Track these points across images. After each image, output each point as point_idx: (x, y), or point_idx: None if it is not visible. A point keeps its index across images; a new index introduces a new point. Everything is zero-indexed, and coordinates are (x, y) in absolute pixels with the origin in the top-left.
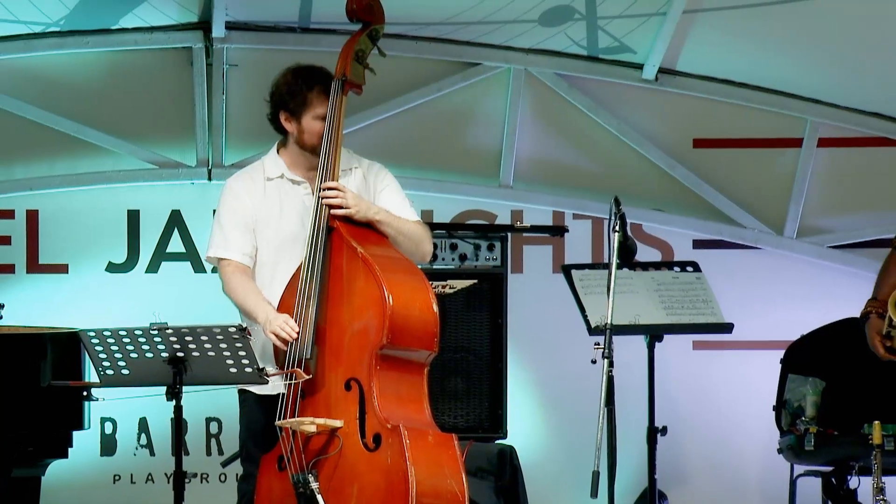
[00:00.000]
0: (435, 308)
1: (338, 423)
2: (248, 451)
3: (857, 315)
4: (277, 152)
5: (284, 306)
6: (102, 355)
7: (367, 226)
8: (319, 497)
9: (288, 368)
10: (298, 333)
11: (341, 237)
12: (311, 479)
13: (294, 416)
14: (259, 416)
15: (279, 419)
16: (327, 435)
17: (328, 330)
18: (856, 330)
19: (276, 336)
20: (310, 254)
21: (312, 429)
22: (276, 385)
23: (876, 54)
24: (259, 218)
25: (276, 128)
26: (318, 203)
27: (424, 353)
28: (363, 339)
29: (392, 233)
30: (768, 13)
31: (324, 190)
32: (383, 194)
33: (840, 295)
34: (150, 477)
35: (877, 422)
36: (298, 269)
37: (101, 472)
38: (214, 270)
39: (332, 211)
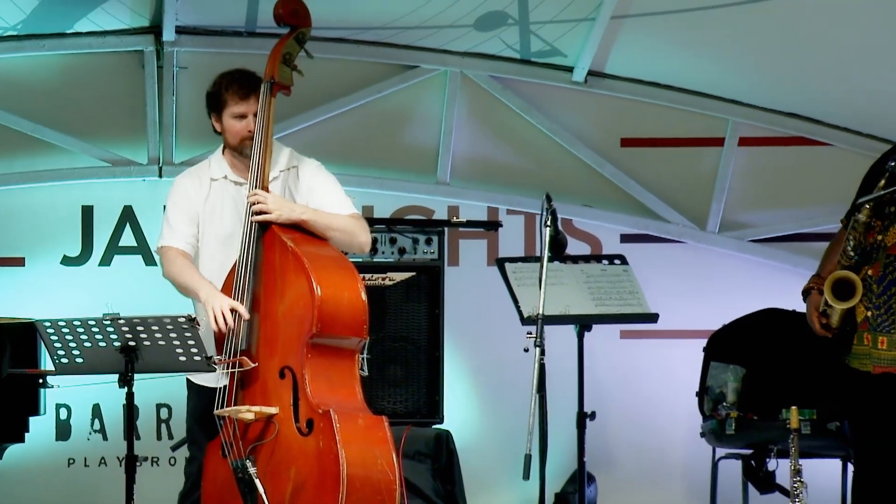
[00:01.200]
0: (363, 297)
1: (273, 410)
2: (193, 436)
3: (776, 305)
4: (222, 153)
5: None
6: (58, 344)
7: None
8: (257, 482)
9: (227, 358)
10: (239, 319)
11: (273, 234)
12: (249, 464)
13: (233, 405)
14: (203, 403)
15: (218, 408)
16: (264, 422)
17: (262, 322)
18: (774, 319)
19: (214, 319)
20: (244, 250)
21: (250, 416)
22: (220, 379)
23: (793, 59)
24: (203, 215)
25: (215, 131)
26: (250, 203)
27: (354, 341)
28: (295, 330)
29: (320, 229)
30: (692, 19)
31: (248, 198)
32: (318, 191)
33: (760, 287)
34: (102, 460)
35: (794, 407)
36: (234, 265)
37: (57, 456)
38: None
39: (255, 217)
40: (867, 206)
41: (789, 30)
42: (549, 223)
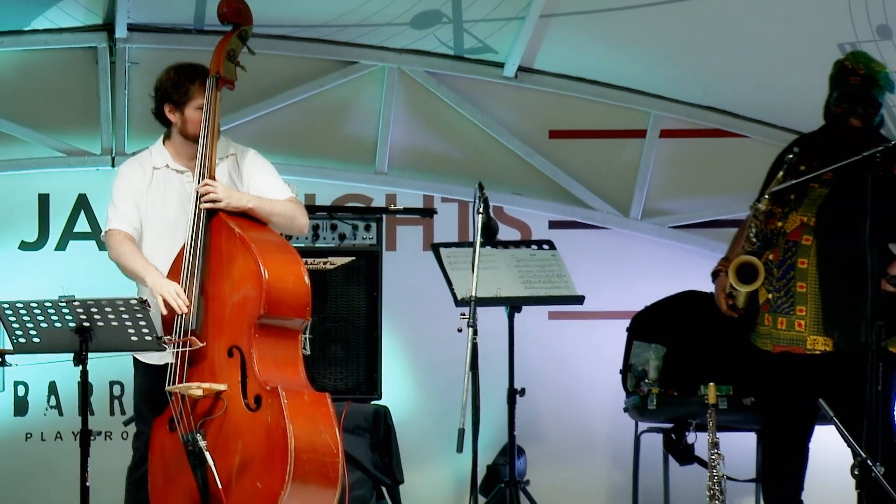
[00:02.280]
0: (307, 280)
1: (222, 387)
2: (140, 412)
3: (695, 288)
4: (163, 143)
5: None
6: (15, 325)
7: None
8: (207, 454)
9: (179, 337)
10: (188, 306)
11: (220, 220)
12: (199, 438)
13: (182, 382)
14: (150, 381)
15: (168, 385)
16: (213, 398)
17: (211, 303)
18: (693, 301)
19: (164, 301)
20: (192, 235)
21: (199, 393)
22: (163, 356)
23: (711, 56)
24: (146, 202)
25: (161, 121)
26: (201, 192)
27: (298, 321)
28: (243, 311)
29: (265, 216)
30: (616, 18)
31: (198, 188)
32: (257, 178)
33: (680, 270)
34: (58, 435)
35: (712, 383)
36: (182, 249)
37: (14, 431)
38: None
39: (205, 205)
40: (767, 197)
41: (707, 28)
42: (481, 210)
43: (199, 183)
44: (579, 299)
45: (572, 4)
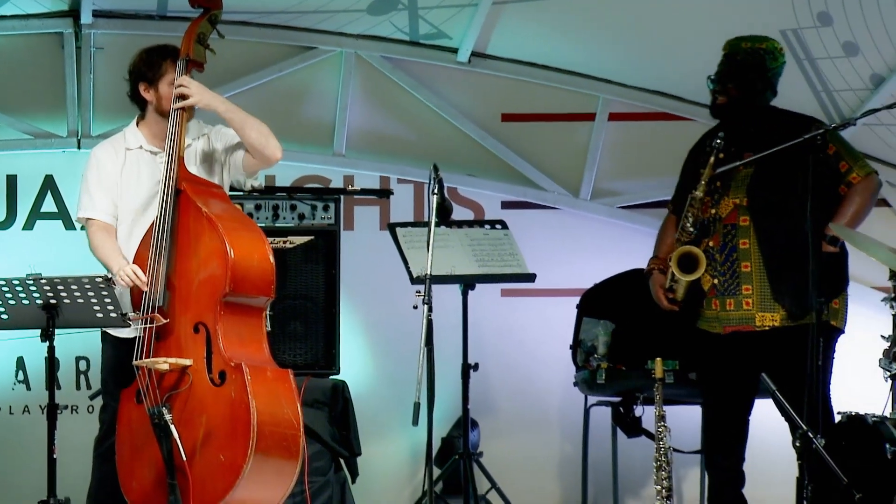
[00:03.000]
0: (271, 259)
1: (187, 362)
2: (107, 386)
3: (643, 266)
4: (137, 125)
5: (139, 260)
6: None
7: (212, 188)
8: (172, 427)
9: (145, 314)
10: (148, 284)
11: (188, 199)
12: (164, 411)
13: (149, 357)
14: (117, 354)
15: (136, 359)
16: (179, 372)
17: (178, 280)
18: (641, 279)
19: (123, 281)
20: (161, 214)
21: (165, 367)
22: (133, 329)
23: (658, 41)
24: (119, 183)
25: (137, 102)
26: (167, 169)
27: (262, 299)
28: (209, 288)
29: (239, 121)
30: (567, 5)
31: (176, 87)
32: (229, 132)
33: (628, 249)
34: (26, 408)
35: (658, 358)
36: (151, 227)
37: None
38: (83, 228)
39: (178, 104)
40: (703, 183)
41: (654, 14)
42: (436, 191)
43: (168, 165)
44: (531, 277)
45: None
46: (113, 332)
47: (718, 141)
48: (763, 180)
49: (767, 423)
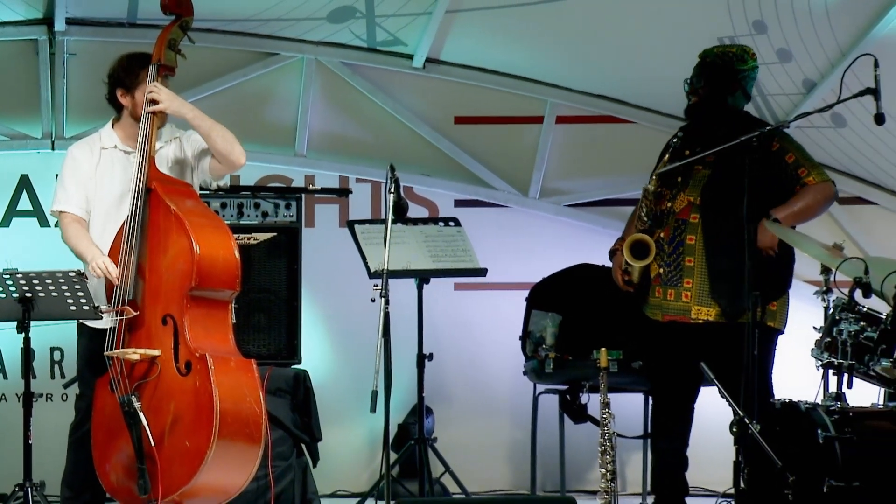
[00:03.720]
0: (236, 254)
1: (156, 353)
2: (82, 375)
3: (589, 261)
4: (112, 126)
5: (113, 255)
6: None
7: (181, 187)
8: (141, 414)
9: (116, 306)
10: (119, 277)
11: (158, 197)
12: (134, 399)
13: (121, 347)
14: (92, 346)
15: (108, 350)
16: (148, 362)
17: (148, 274)
18: (587, 273)
19: (95, 272)
20: (132, 211)
21: (135, 357)
22: (106, 321)
23: (603, 48)
24: (94, 179)
25: (114, 105)
26: (138, 169)
27: (228, 293)
28: (177, 283)
29: (206, 128)
30: (516, 14)
31: (147, 93)
32: (197, 140)
33: (574, 245)
34: (3, 397)
35: (603, 349)
36: (122, 225)
37: None
38: (57, 224)
39: (149, 107)
40: (654, 178)
41: (600, 22)
42: (392, 190)
43: (139, 165)
44: (482, 271)
45: (476, 1)
46: (90, 323)
47: (675, 140)
48: (717, 181)
49: (708, 409)
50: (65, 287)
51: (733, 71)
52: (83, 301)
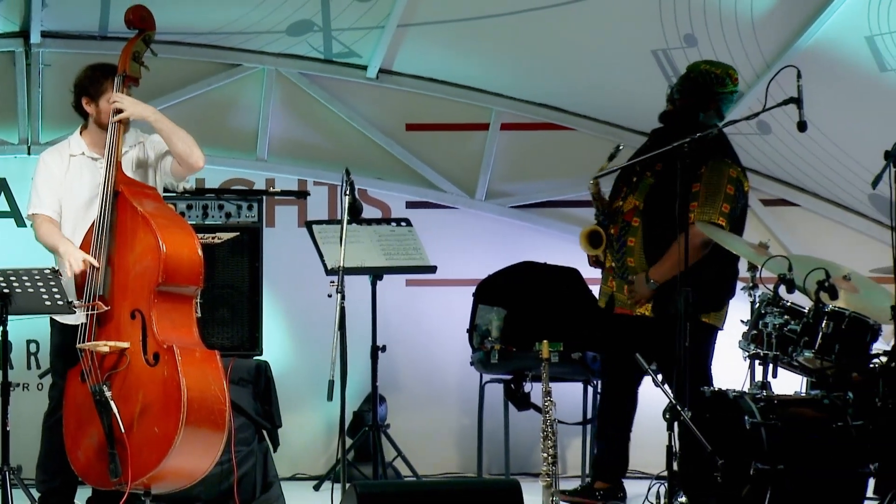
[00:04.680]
0: (199, 252)
1: (125, 345)
2: (55, 366)
3: (532, 259)
4: (80, 134)
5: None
6: None
7: (146, 190)
8: (112, 403)
9: (88, 302)
10: (95, 269)
11: (125, 200)
12: (105, 388)
13: (92, 340)
14: (64, 339)
15: (80, 342)
16: (118, 354)
17: (117, 272)
18: (530, 270)
19: (74, 265)
20: (101, 213)
21: (106, 349)
22: (78, 317)
23: (544, 59)
24: (64, 184)
25: (80, 113)
26: (106, 174)
27: (192, 288)
28: (144, 279)
29: (167, 131)
30: (463, 28)
31: (112, 102)
32: (160, 143)
33: (518, 244)
34: None
35: (545, 341)
36: (93, 225)
37: None
38: (32, 225)
39: (114, 117)
40: (591, 182)
41: (541, 36)
42: (347, 192)
43: (107, 171)
44: (432, 269)
45: (426, 15)
46: (60, 319)
47: (619, 148)
48: (659, 190)
49: (644, 397)
50: (40, 284)
51: (711, 91)
52: (58, 297)
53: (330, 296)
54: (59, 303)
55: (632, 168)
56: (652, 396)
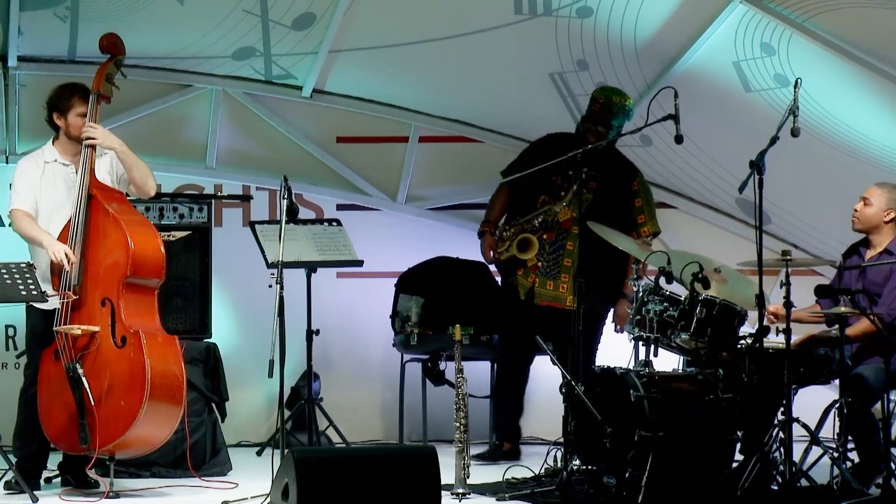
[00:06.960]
0: (162, 250)
1: (96, 329)
2: (30, 347)
3: (447, 254)
4: (53, 144)
5: None
6: None
7: (116, 194)
8: (84, 379)
9: (64, 290)
10: (72, 263)
11: (98, 202)
12: (78, 366)
13: (66, 324)
14: (37, 323)
15: (56, 325)
16: (89, 337)
17: (90, 265)
18: (444, 264)
19: (57, 256)
20: (77, 212)
21: (78, 332)
22: (52, 303)
23: (457, 80)
24: (39, 186)
25: (52, 126)
26: (81, 177)
27: (155, 281)
28: (114, 271)
29: (129, 162)
30: (386, 53)
31: (86, 130)
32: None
33: (434, 241)
34: None
35: (458, 325)
36: (68, 224)
37: None
38: (10, 225)
39: (87, 141)
40: (565, 205)
41: (453, 60)
42: (285, 196)
43: (82, 176)
44: (359, 263)
45: (354, 42)
46: (37, 305)
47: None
48: (594, 206)
49: (542, 372)
50: (17, 275)
51: (626, 120)
52: (32, 287)
53: (270, 286)
54: (34, 293)
55: (549, 178)
56: (549, 373)
